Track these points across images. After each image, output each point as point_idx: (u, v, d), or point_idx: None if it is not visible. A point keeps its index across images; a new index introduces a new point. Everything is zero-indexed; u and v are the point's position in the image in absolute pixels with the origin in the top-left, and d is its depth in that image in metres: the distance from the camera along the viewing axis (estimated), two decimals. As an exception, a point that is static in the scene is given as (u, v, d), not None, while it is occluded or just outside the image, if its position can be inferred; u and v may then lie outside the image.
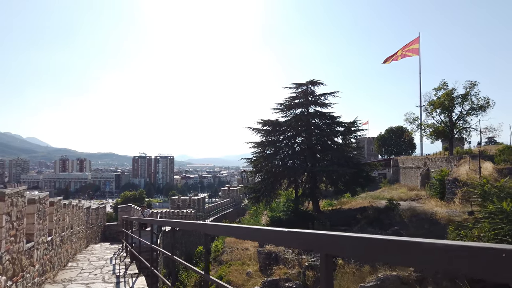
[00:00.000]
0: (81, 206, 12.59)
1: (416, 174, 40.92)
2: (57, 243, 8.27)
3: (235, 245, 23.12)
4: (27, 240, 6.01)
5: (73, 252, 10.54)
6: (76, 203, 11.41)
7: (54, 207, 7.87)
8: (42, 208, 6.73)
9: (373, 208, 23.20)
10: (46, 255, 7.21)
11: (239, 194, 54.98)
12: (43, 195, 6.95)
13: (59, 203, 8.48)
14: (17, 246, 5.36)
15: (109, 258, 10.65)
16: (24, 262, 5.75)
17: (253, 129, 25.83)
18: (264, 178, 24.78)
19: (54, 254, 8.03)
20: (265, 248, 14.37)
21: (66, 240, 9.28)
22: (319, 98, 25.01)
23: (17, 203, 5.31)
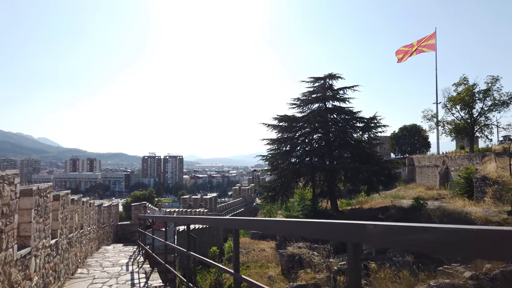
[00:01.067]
0: (92, 203, 11.48)
1: (433, 173, 39.60)
2: (63, 247, 7.06)
3: (250, 246, 22.18)
4: (20, 245, 4.55)
5: (83, 256, 9.42)
6: (86, 199, 10.05)
7: (59, 203, 6.60)
8: (43, 202, 5.29)
9: (396, 207, 22.06)
10: (48, 262, 5.84)
11: (250, 193, 54.04)
12: (44, 186, 5.39)
13: (66, 198, 7.23)
14: (2, 255, 3.82)
15: (124, 263, 9.50)
16: (15, 276, 4.22)
17: (268, 125, 24.83)
18: (280, 176, 23.75)
19: (60, 261, 6.76)
20: (287, 250, 13.38)
21: (75, 242, 8.17)
22: (337, 92, 23.91)
23: (2, 193, 3.76)
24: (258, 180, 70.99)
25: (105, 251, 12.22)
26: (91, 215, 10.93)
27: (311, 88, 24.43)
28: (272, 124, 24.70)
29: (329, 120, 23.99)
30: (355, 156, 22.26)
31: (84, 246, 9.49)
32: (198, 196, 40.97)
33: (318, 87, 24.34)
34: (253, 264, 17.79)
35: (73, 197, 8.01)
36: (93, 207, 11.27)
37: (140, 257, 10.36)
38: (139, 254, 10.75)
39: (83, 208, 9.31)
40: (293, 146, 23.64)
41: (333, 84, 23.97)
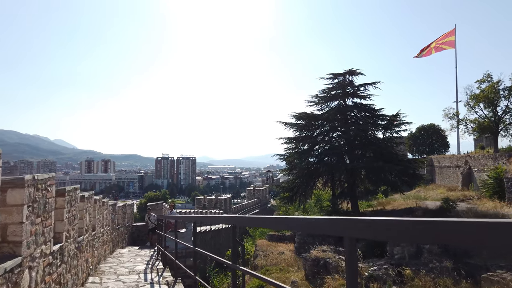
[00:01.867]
0: (106, 202, 10.52)
1: (455, 173, 38.25)
2: (71, 253, 6.02)
3: (268, 248, 21.39)
4: (8, 255, 3.47)
5: (96, 261, 8.51)
6: (99, 197, 9.01)
7: (64, 199, 5.51)
8: (41, 197, 4.12)
9: (421, 209, 21.01)
10: (50, 274, 4.73)
11: (264, 194, 53.28)
12: (43, 176, 4.20)
13: (74, 194, 6.14)
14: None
15: (141, 270, 8.50)
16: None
17: (285, 124, 24.05)
18: (298, 176, 22.91)
19: (66, 270, 5.69)
20: (311, 254, 12.56)
21: (86, 246, 7.25)
22: (358, 89, 22.97)
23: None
24: (272, 181, 70.18)
25: (120, 254, 11.41)
26: (105, 215, 10.09)
27: (330, 85, 23.56)
28: (289, 123, 23.92)
29: (349, 117, 23.08)
30: (378, 155, 21.28)
31: (97, 250, 8.62)
32: (213, 197, 40.39)
33: (337, 84, 23.44)
34: (273, 268, 16.99)
35: (84, 194, 7.04)
36: (106, 206, 10.44)
37: (158, 262, 9.50)
38: (157, 259, 9.87)
39: (96, 207, 8.46)
40: (312, 145, 22.79)
41: (353, 81, 23.04)
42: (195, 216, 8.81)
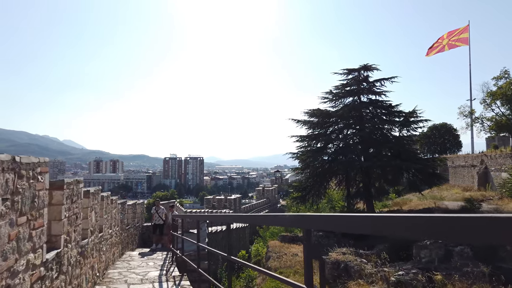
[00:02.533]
0: (115, 199, 9.52)
1: (470, 173, 37.18)
2: (72, 261, 5.06)
3: (281, 250, 20.68)
4: None
5: (104, 266, 7.58)
6: (107, 194, 8.09)
7: (63, 194, 4.49)
8: (27, 188, 3.09)
9: (441, 209, 20.13)
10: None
11: (274, 194, 52.55)
12: (31, 160, 3.16)
13: (76, 188, 5.17)
14: None
15: (155, 277, 7.53)
16: None
17: (298, 122, 23.31)
18: (312, 175, 22.15)
19: (66, 282, 4.74)
20: (330, 256, 11.84)
21: (92, 250, 6.34)
22: (373, 84, 22.14)
23: None
24: (281, 180, 69.46)
25: (130, 258, 10.51)
26: (113, 215, 9.18)
27: (344, 80, 22.77)
28: (301, 120, 23.18)
29: (364, 115, 22.26)
30: (395, 154, 20.44)
31: (105, 254, 7.74)
32: (222, 197, 39.80)
33: (351, 80, 22.65)
34: (288, 270, 16.30)
35: (89, 189, 6.07)
36: (115, 204, 9.52)
37: (173, 268, 8.58)
38: (172, 264, 8.91)
39: (103, 205, 7.58)
40: (325, 143, 22.02)
41: (369, 76, 22.21)
42: (214, 215, 7.80)
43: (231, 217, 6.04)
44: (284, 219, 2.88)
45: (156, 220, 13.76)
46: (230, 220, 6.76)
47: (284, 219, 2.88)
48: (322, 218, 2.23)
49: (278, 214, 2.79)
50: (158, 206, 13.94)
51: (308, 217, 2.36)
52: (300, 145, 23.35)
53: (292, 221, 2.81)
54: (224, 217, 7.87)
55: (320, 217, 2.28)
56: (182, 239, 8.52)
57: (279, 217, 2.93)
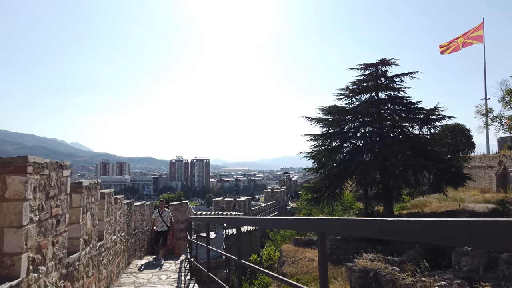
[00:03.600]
0: (120, 198, 8.02)
1: (487, 174, 35.78)
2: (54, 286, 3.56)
3: (296, 254, 19.57)
4: None
5: (104, 284, 6.13)
6: (110, 191, 6.58)
7: (27, 183, 2.78)
8: None
9: (467, 211, 18.88)
10: None
11: (283, 196, 51.39)
12: None
13: (56, 177, 3.60)
14: None
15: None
16: None
17: (312, 120, 22.22)
18: (328, 175, 21.00)
19: None
20: (357, 263, 10.71)
21: (86, 267, 4.76)
22: (392, 80, 20.96)
23: None
24: (290, 182, 68.26)
25: (138, 269, 8.92)
26: (118, 217, 7.75)
27: (361, 76, 21.63)
28: (316, 118, 22.08)
29: (383, 111, 21.10)
30: (416, 153, 19.25)
31: (106, 267, 6.24)
32: (231, 199, 38.77)
33: (368, 75, 21.52)
34: (305, 277, 15.20)
35: (81, 181, 4.43)
36: (120, 204, 8.12)
37: (194, 285, 7.07)
38: (190, 280, 7.33)
39: (104, 204, 6.09)
40: (342, 141, 20.86)
41: (388, 71, 21.04)
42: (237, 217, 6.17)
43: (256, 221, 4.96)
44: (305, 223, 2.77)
45: (159, 227, 11.08)
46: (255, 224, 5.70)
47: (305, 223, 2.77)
48: (339, 222, 2.12)
49: (302, 218, 2.73)
50: (162, 208, 11.29)
51: (323, 221, 2.32)
52: (314, 144, 22.27)
53: (310, 225, 2.64)
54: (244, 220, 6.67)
55: (336, 221, 2.16)
56: (197, 245, 7.45)
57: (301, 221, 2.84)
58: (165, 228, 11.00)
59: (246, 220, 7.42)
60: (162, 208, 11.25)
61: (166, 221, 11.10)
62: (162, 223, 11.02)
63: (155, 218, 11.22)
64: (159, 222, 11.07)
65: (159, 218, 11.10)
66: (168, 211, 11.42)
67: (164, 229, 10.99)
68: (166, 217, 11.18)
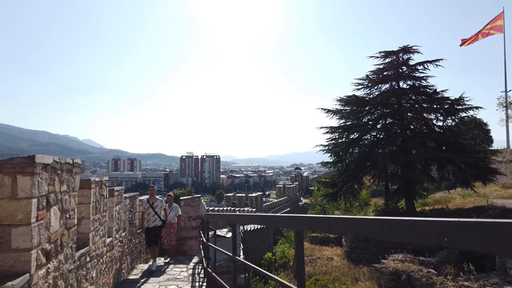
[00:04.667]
0: (119, 191, 6.79)
1: (508, 169, 34.26)
2: None
3: (313, 253, 18.62)
4: None
5: None
6: (104, 179, 5.34)
7: None
8: None
9: (497, 208, 17.65)
10: None
11: (295, 192, 50.38)
12: None
13: None
14: None
15: None
16: None
17: (328, 111, 21.15)
18: (346, 170, 19.93)
19: None
20: (387, 265, 9.71)
21: None
22: (415, 68, 19.72)
23: None
24: (302, 178, 67.17)
25: (141, 275, 7.51)
26: (117, 214, 6.47)
27: (381, 65, 20.43)
28: (333, 110, 20.99)
29: (404, 102, 19.90)
30: (442, 145, 18.06)
31: (95, 282, 4.89)
32: (243, 194, 37.95)
33: (388, 64, 20.32)
34: (324, 278, 14.23)
35: (35, 156, 2.80)
36: (119, 198, 6.87)
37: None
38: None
39: (91, 196, 4.68)
40: (362, 134, 19.74)
41: (410, 58, 19.78)
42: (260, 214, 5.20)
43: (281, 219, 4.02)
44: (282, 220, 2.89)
45: (151, 221, 8.74)
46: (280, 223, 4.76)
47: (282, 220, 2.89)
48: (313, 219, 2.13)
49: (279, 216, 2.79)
50: (153, 196, 8.89)
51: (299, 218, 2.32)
52: (331, 137, 21.21)
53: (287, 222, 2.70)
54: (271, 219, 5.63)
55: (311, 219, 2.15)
56: (208, 246, 6.50)
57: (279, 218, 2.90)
58: (158, 223, 8.78)
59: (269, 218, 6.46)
60: (153, 195, 8.91)
61: (160, 213, 8.87)
62: (155, 216, 8.74)
63: (144, 211, 8.79)
64: (151, 216, 8.73)
65: (149, 210, 8.75)
66: (161, 199, 9.10)
67: (157, 223, 8.78)
68: (160, 207, 8.91)
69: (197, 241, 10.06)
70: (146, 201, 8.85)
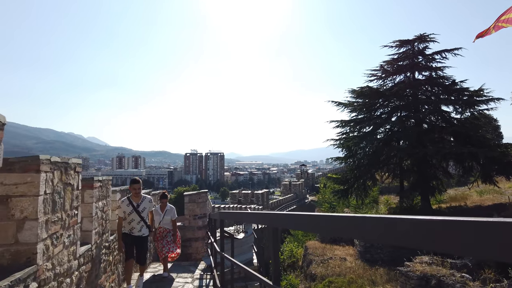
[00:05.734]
0: (103, 181, 5.51)
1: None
2: None
3: (324, 252, 17.67)
4: None
5: None
6: (75, 161, 3.98)
7: None
8: None
9: (521, 205, 16.64)
10: None
11: (301, 189, 49.46)
12: None
13: None
14: None
15: None
16: None
17: (339, 104, 20.18)
18: (358, 165, 18.95)
19: None
20: (414, 268, 8.76)
21: None
22: (432, 58, 18.64)
23: None
24: (307, 175, 66.24)
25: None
26: (99, 212, 5.19)
27: (395, 55, 19.39)
28: (344, 103, 20.01)
29: (421, 93, 18.86)
30: (462, 139, 17.03)
31: None
32: (249, 191, 37.10)
33: (403, 54, 19.28)
34: (339, 280, 13.29)
35: None
36: (104, 191, 5.51)
37: None
38: None
39: (48, 184, 3.29)
40: (375, 127, 18.74)
41: (427, 47, 18.70)
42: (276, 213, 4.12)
43: None
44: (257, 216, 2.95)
45: (136, 230, 6.21)
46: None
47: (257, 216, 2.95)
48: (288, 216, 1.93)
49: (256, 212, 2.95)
50: (136, 196, 6.27)
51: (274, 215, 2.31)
52: (341, 131, 20.24)
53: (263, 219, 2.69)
54: None
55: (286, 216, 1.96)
56: (215, 250, 5.52)
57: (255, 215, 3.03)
58: (143, 232, 6.23)
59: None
60: (136, 192, 6.22)
61: (146, 217, 6.28)
62: (140, 222, 6.16)
63: (126, 211, 6.14)
64: (134, 223, 6.14)
65: (133, 215, 6.13)
66: (149, 197, 6.44)
67: (142, 233, 6.21)
68: (146, 209, 6.28)
69: (203, 242, 8.93)
70: (128, 202, 6.16)
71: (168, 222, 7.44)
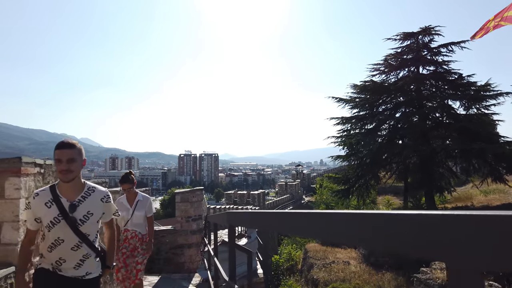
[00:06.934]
0: (44, 166, 3.46)
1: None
2: None
3: (326, 255, 16.76)
4: None
5: None
6: None
7: None
8: None
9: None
10: None
11: (297, 189, 48.58)
12: None
13: None
14: None
15: None
16: None
17: (340, 100, 19.33)
18: (359, 164, 18.08)
19: None
20: (434, 275, 7.87)
21: None
22: (438, 51, 17.83)
23: None
24: (303, 176, 65.44)
25: None
26: (19, 215, 3.12)
27: (399, 48, 18.57)
28: (345, 99, 19.16)
29: (425, 89, 18.06)
30: (469, 135, 16.23)
31: None
32: (244, 192, 36.16)
33: (406, 47, 18.47)
34: (344, 286, 12.36)
35: None
36: (47, 180, 3.60)
37: None
38: None
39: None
40: (379, 124, 17.89)
41: (433, 39, 17.89)
42: None
43: None
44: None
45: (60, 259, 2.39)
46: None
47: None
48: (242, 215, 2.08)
49: None
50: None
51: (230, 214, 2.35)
52: (342, 129, 19.39)
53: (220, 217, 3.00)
54: None
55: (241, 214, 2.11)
56: (208, 259, 4.50)
57: None
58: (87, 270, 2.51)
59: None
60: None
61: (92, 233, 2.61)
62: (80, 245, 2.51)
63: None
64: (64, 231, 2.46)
65: (56, 226, 2.42)
66: (105, 191, 2.80)
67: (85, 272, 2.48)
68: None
69: (198, 250, 7.57)
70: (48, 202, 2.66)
71: (141, 222, 4.70)
